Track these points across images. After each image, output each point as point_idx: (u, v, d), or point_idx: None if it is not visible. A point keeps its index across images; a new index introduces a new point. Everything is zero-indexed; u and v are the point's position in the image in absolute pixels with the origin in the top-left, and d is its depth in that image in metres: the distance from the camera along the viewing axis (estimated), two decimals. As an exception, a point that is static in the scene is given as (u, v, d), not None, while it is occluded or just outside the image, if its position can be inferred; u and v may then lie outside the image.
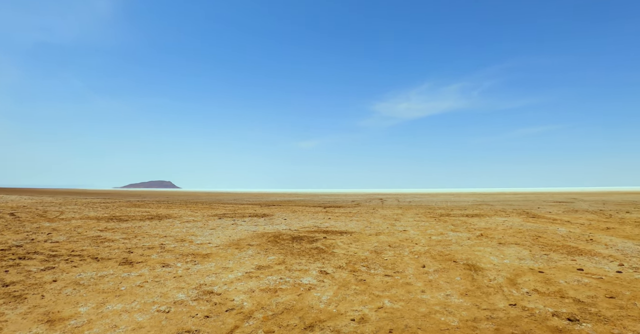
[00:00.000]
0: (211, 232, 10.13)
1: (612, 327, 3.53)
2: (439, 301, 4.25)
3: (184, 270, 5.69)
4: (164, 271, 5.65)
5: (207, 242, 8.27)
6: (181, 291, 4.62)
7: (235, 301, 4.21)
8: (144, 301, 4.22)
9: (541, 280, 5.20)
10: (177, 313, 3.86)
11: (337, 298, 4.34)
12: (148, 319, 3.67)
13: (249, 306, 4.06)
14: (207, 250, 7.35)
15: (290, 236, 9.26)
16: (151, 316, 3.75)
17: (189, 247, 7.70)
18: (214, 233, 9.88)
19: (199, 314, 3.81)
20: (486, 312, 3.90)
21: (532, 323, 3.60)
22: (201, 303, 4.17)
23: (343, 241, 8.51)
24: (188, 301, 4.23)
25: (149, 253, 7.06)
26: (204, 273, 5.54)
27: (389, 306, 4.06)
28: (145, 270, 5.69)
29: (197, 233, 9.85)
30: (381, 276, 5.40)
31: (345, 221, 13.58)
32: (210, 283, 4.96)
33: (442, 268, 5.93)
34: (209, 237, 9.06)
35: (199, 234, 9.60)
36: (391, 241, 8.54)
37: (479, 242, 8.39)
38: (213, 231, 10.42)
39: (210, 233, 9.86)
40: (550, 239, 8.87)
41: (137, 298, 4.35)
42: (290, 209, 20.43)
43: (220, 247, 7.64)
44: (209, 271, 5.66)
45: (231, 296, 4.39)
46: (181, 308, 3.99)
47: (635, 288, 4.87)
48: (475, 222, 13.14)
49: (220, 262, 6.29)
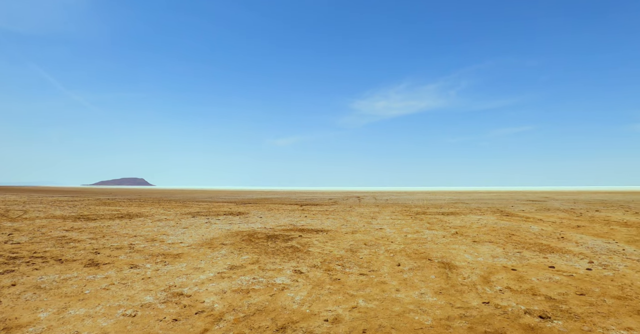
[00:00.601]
0: (184, 231, 9.89)
1: (583, 324, 3.56)
2: (414, 300, 4.21)
3: (153, 271, 5.49)
4: (132, 272, 5.44)
5: (179, 242, 8.05)
6: (149, 293, 4.44)
7: (205, 303, 4.06)
8: (109, 305, 4.02)
9: (514, 278, 5.24)
10: (144, 316, 3.69)
11: (311, 298, 4.25)
12: (112, 324, 3.49)
13: (219, 307, 3.93)
14: (179, 250, 7.15)
15: (265, 235, 9.12)
16: (116, 321, 3.57)
17: (159, 247, 7.47)
18: (187, 232, 9.64)
19: (167, 317, 3.65)
20: (460, 310, 3.88)
21: (504, 321, 3.59)
22: (170, 305, 4.01)
23: (319, 240, 8.43)
24: (156, 303, 4.06)
25: (116, 253, 6.80)
26: (174, 273, 5.36)
27: (363, 306, 4.00)
28: (112, 272, 5.46)
29: (169, 232, 9.60)
30: (356, 275, 5.34)
31: (322, 219, 13.51)
32: (180, 285, 4.79)
33: (417, 266, 5.91)
34: (181, 237, 8.82)
35: (171, 234, 9.35)
36: (367, 240, 8.51)
37: (454, 241, 8.45)
38: (186, 230, 10.18)
39: (183, 232, 9.63)
40: (523, 237, 9.02)
41: (102, 301, 4.15)
42: (266, 207, 20.24)
43: (192, 247, 7.44)
44: (180, 271, 5.48)
45: (202, 298, 4.24)
46: (148, 312, 3.82)
47: (604, 285, 4.96)
48: (450, 220, 13.29)
49: (191, 262, 6.11)
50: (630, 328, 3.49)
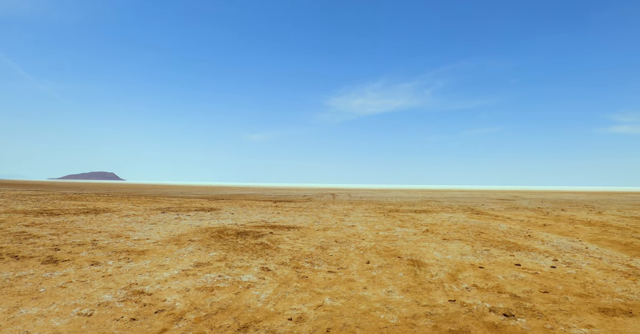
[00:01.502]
0: (151, 227, 9.62)
1: (545, 322, 3.60)
2: (380, 298, 4.18)
3: (115, 268, 5.29)
4: (92, 269, 5.22)
5: (145, 238, 7.81)
6: (108, 291, 4.26)
7: (166, 302, 3.92)
8: (65, 304, 3.83)
9: (481, 275, 5.29)
10: (101, 316, 3.52)
11: (277, 296, 4.16)
12: (66, 324, 3.31)
13: (181, 306, 3.79)
14: (144, 246, 6.93)
15: (235, 231, 8.97)
16: (70, 321, 3.40)
17: (124, 243, 7.23)
18: (154, 228, 9.38)
19: (124, 316, 3.50)
20: (426, 308, 3.87)
21: (469, 319, 3.60)
22: (129, 304, 3.85)
23: (289, 237, 8.34)
24: (115, 302, 3.89)
25: (78, 250, 6.53)
26: (137, 271, 5.17)
27: (329, 304, 3.94)
28: (71, 269, 5.23)
29: (136, 228, 9.32)
30: (324, 272, 5.29)
31: (295, 215, 13.43)
32: (142, 282, 4.61)
33: (386, 263, 5.91)
34: (148, 233, 8.58)
35: (138, 230, 9.08)
36: (338, 237, 8.48)
37: (424, 238, 8.51)
38: (154, 225, 9.91)
39: (150, 228, 9.36)
40: (491, 235, 9.17)
41: (57, 300, 3.95)
42: (239, 203, 20.00)
43: (158, 244, 7.24)
44: (143, 269, 5.30)
45: (163, 296, 4.09)
46: (106, 311, 3.65)
47: (568, 282, 5.06)
48: (422, 218, 13.43)
49: (156, 259, 5.92)
50: (591, 325, 3.55)
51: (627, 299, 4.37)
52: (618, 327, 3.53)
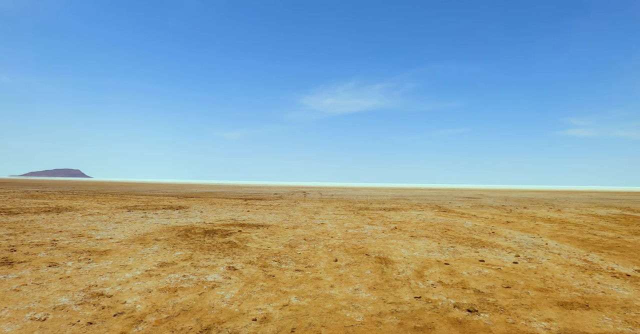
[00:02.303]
0: (116, 226, 9.32)
1: (507, 316, 3.69)
2: (347, 296, 4.18)
3: (74, 270, 5.08)
4: (50, 271, 5.00)
5: (109, 238, 7.56)
6: (66, 294, 4.07)
7: (127, 304, 3.78)
8: (17, 308, 3.64)
9: (446, 272, 5.39)
10: (56, 320, 3.36)
11: (242, 296, 4.09)
12: (17, 330, 3.14)
13: (142, 308, 3.67)
14: (107, 246, 6.70)
15: (203, 230, 8.81)
16: (22, 326, 3.22)
17: (86, 243, 6.97)
18: (119, 227, 9.10)
19: (81, 320, 3.36)
20: (392, 306, 3.90)
21: (434, 316, 3.65)
22: (87, 307, 3.69)
23: (258, 235, 8.26)
24: (71, 305, 3.72)
25: (36, 250, 6.25)
26: (98, 272, 4.98)
27: (295, 303, 3.90)
28: (27, 271, 4.98)
29: (100, 227, 9.01)
30: (292, 271, 5.25)
31: (265, 213, 13.33)
32: (102, 284, 4.45)
33: (354, 261, 5.93)
34: (112, 232, 8.30)
35: (101, 229, 8.78)
36: (307, 235, 8.46)
37: (392, 236, 8.61)
38: (118, 224, 9.61)
39: (115, 227, 9.07)
40: (457, 232, 9.37)
41: (10, 304, 3.75)
42: (209, 201, 19.68)
43: (122, 243, 7.01)
44: (104, 270, 5.11)
45: (123, 298, 3.95)
46: (61, 315, 3.49)
47: (529, 277, 5.22)
48: (391, 215, 13.59)
49: (119, 259, 5.73)
50: (551, 319, 3.66)
51: (584, 293, 4.54)
52: (576, 320, 3.66)
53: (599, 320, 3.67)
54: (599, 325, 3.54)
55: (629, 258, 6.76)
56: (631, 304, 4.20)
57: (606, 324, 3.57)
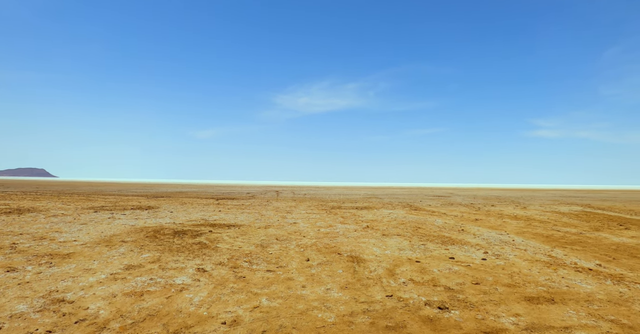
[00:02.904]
0: (81, 227, 8.97)
1: (477, 313, 3.74)
2: (319, 296, 4.14)
3: (34, 274, 4.83)
4: (8, 277, 4.73)
5: (73, 240, 7.26)
6: (24, 301, 3.86)
7: (89, 310, 3.62)
8: (-32, 317, 3.43)
9: (417, 270, 5.43)
10: (12, 329, 3.17)
11: (211, 299, 3.98)
12: (-32, 340, 2.96)
13: (105, 314, 3.51)
14: (70, 249, 6.43)
15: (172, 231, 8.58)
16: (-26, 336, 3.04)
17: (48, 246, 6.66)
18: (84, 229, 8.76)
19: (39, 329, 3.18)
20: (363, 305, 3.89)
21: (405, 314, 3.66)
22: (46, 314, 3.50)
23: (229, 235, 8.11)
24: (30, 313, 3.53)
25: (-9, 254, 5.94)
26: (59, 276, 4.76)
27: (266, 305, 3.83)
28: (-19, 276, 4.72)
29: (64, 229, 8.65)
30: (263, 271, 5.17)
31: (236, 213, 13.14)
32: (63, 289, 4.24)
33: (326, 260, 5.90)
34: (76, 234, 7.98)
35: (66, 231, 8.43)
36: (279, 234, 8.38)
37: (364, 234, 8.64)
38: (84, 226, 9.25)
39: (80, 229, 8.73)
40: (428, 230, 9.51)
41: (-39, 312, 3.54)
42: (179, 201, 19.26)
43: (87, 246, 6.74)
44: (66, 274, 4.89)
45: (86, 304, 3.77)
46: (18, 323, 3.29)
47: (497, 273, 5.33)
48: (363, 214, 13.67)
49: (82, 263, 5.50)
50: (518, 314, 3.74)
51: (549, 288, 4.67)
52: (542, 314, 3.75)
53: (564, 314, 3.77)
54: (564, 319, 3.64)
55: (591, 253, 7.02)
56: (594, 297, 4.34)
57: (571, 317, 3.68)
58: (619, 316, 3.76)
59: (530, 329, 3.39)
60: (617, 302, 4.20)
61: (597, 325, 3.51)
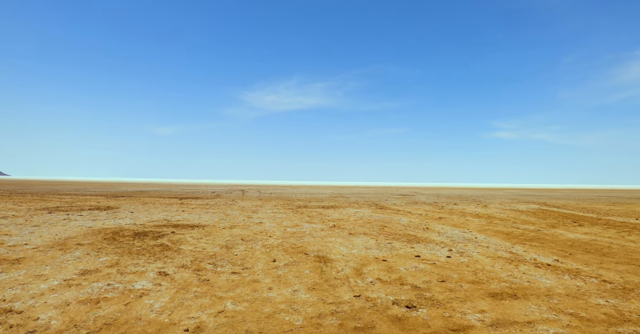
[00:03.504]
0: (33, 230, 8.45)
1: (444, 310, 3.77)
2: (286, 299, 4.05)
3: (-22, 282, 4.49)
4: (-53, 284, 4.38)
5: (23, 243, 6.82)
6: (-34, 311, 3.57)
7: (40, 320, 3.36)
8: None
9: (384, 268, 5.44)
10: (-50, 342, 2.92)
11: (173, 304, 3.80)
12: None
13: (57, 325, 3.27)
14: (21, 253, 6.03)
15: (133, 232, 8.24)
16: None
17: (-6, 250, 6.23)
18: (37, 231, 8.26)
19: (-18, 341, 2.94)
20: (332, 306, 3.83)
21: (374, 314, 3.63)
22: (-9, 325, 3.25)
23: (193, 236, 7.87)
24: (-28, 324, 3.26)
25: None
26: (7, 284, 4.42)
27: (231, 309, 3.69)
28: None
29: (14, 232, 8.12)
30: (228, 273, 5.01)
31: (201, 213, 12.81)
32: (11, 298, 3.94)
33: (293, 261, 5.81)
34: (28, 237, 7.51)
35: (16, 233, 7.91)
36: (245, 235, 8.21)
37: (331, 233, 8.61)
38: (36, 228, 8.73)
39: (32, 231, 8.22)
40: (394, 229, 9.59)
41: None
42: (141, 201, 18.59)
43: (39, 250, 6.34)
44: (15, 281, 4.55)
45: (36, 314, 3.50)
46: (-42, 336, 3.04)
47: (461, 270, 5.41)
48: (330, 213, 13.65)
49: (33, 268, 5.15)
50: (484, 310, 3.80)
51: (511, 283, 4.78)
52: (506, 310, 3.82)
53: (527, 309, 3.86)
54: (526, 314, 3.72)
55: (548, 249, 7.28)
56: (553, 292, 4.48)
57: (533, 312, 3.77)
58: (578, 309, 3.89)
59: (496, 325, 3.43)
60: (575, 296, 4.34)
61: (558, 319, 3.60)
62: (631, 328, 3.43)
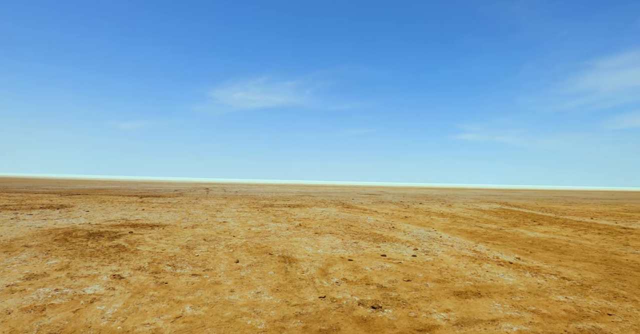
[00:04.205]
0: (-25, 231, 7.86)
1: (410, 310, 3.71)
2: (248, 301, 3.88)
3: None
4: None
5: (-37, 246, 6.31)
6: None
7: (-26, 329, 3.07)
8: None
9: (350, 268, 5.36)
10: None
11: (127, 310, 3.55)
12: None
13: (-6, 334, 3.00)
14: (-41, 256, 5.56)
15: (87, 232, 7.78)
16: None
17: None
18: (-21, 233, 7.68)
19: None
20: (296, 308, 3.70)
21: (339, 316, 3.53)
22: None
23: (152, 236, 7.52)
24: None
25: None
26: (-61, 290, 4.05)
27: (190, 314, 3.49)
28: None
29: (-47, 234, 7.52)
30: (188, 276, 4.77)
31: (162, 212, 12.34)
32: (-57, 305, 3.59)
33: (257, 261, 5.63)
34: (-32, 239, 6.96)
35: (-45, 235, 7.33)
36: (208, 234, 7.93)
37: (297, 233, 8.47)
38: (-21, 229, 8.12)
39: (-27, 233, 7.64)
40: (360, 228, 9.56)
41: None
42: (98, 199, 17.76)
43: (-20, 252, 5.88)
44: (-51, 286, 4.17)
45: (-30, 323, 3.20)
46: None
47: (427, 269, 5.41)
48: (296, 212, 13.50)
49: (-28, 272, 4.75)
50: (449, 309, 3.77)
51: (475, 282, 4.81)
52: (471, 308, 3.81)
53: (491, 307, 3.87)
54: (490, 312, 3.72)
55: (510, 247, 7.44)
56: (515, 289, 4.54)
57: (497, 310, 3.78)
58: (539, 306, 3.94)
59: (461, 324, 3.41)
60: (536, 293, 4.41)
61: (521, 316, 3.63)
62: (590, 324, 3.50)
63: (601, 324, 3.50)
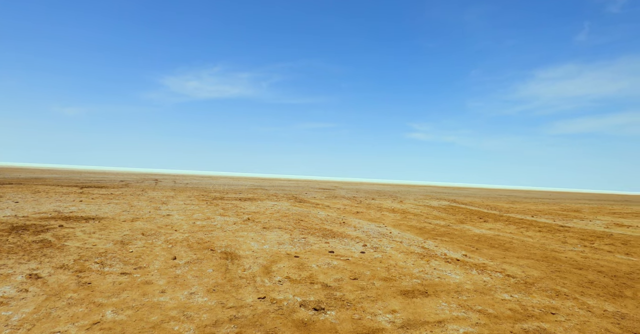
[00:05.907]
0: None
1: (354, 312, 3.52)
2: (179, 303, 3.52)
3: None
4: None
5: None
6: None
7: None
8: None
9: (295, 266, 5.11)
10: None
11: (37, 316, 3.09)
12: None
13: None
14: None
15: (10, 226, 7.02)
16: None
17: None
18: None
19: None
20: (231, 311, 3.40)
21: (278, 319, 3.28)
22: None
23: (85, 230, 6.90)
24: None
25: None
26: None
27: (110, 319, 3.09)
28: None
29: None
30: (116, 274, 4.32)
31: (101, 204, 11.50)
32: None
33: (196, 258, 5.25)
34: None
35: None
36: (147, 228, 7.40)
37: (244, 227, 8.12)
38: None
39: None
40: (310, 223, 9.34)
41: None
42: (32, 189, 16.39)
43: None
44: None
45: None
46: None
47: (374, 267, 5.27)
48: (246, 206, 13.09)
49: None
50: (395, 310, 3.62)
51: (423, 280, 4.72)
52: (417, 308, 3.69)
53: (437, 307, 3.77)
54: (437, 312, 3.62)
55: (457, 244, 7.50)
56: (462, 287, 4.49)
57: (443, 310, 3.68)
58: (485, 305, 3.88)
59: (406, 326, 3.27)
60: (482, 291, 4.37)
61: (467, 317, 3.54)
62: (535, 324, 3.46)
63: (545, 324, 3.48)
